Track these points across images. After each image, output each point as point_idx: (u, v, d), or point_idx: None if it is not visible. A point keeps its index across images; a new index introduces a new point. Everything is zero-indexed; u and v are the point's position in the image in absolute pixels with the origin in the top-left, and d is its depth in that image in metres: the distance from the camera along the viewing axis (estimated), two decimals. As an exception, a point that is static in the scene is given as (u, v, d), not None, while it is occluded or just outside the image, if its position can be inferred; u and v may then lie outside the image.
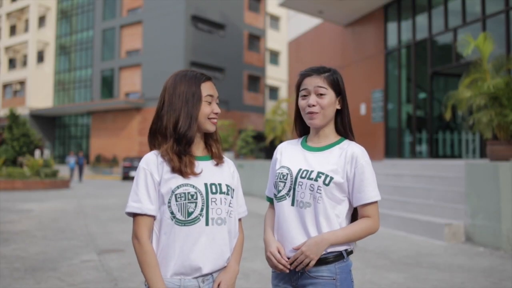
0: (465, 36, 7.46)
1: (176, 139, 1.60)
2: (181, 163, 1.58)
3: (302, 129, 1.90)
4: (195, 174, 1.60)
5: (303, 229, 1.68)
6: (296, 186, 1.71)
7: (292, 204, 1.71)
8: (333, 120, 1.80)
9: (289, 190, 1.73)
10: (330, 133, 1.80)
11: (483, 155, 9.73)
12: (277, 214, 1.77)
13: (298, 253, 1.64)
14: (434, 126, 11.47)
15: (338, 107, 1.79)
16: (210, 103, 1.65)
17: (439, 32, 11.06)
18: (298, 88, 1.81)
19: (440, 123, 11.65)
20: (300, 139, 1.89)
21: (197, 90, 1.62)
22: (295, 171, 1.73)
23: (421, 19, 11.73)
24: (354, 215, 1.78)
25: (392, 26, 12.77)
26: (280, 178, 1.76)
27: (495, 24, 9.58)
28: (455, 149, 11.70)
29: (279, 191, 1.76)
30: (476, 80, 7.01)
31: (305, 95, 1.76)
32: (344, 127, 1.80)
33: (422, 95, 11.94)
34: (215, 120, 1.66)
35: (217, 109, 1.67)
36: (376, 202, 1.71)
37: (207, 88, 1.64)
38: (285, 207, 1.73)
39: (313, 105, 1.72)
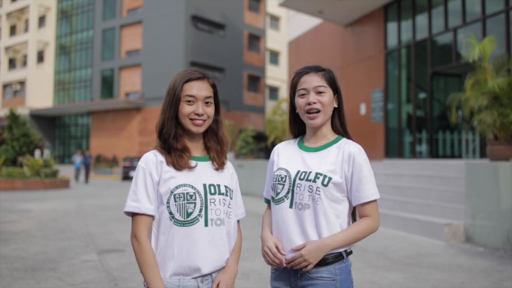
0: (469, 38, 7.41)
1: (162, 136, 1.63)
2: (172, 157, 1.60)
3: (298, 130, 1.88)
4: (189, 167, 1.60)
5: (301, 231, 1.66)
6: (295, 188, 1.69)
7: (291, 206, 1.69)
8: (330, 119, 1.79)
9: (288, 192, 1.70)
10: (327, 132, 1.78)
11: (483, 155, 9.73)
12: (274, 217, 1.75)
13: (297, 255, 1.62)
14: (434, 126, 11.47)
15: (336, 105, 1.78)
16: (190, 103, 1.61)
17: (439, 32, 11.06)
18: (294, 87, 1.78)
19: (440, 123, 11.64)
20: (297, 140, 1.87)
21: (178, 89, 1.60)
22: (293, 173, 1.71)
23: (421, 19, 11.72)
24: (355, 212, 1.77)
25: (392, 26, 12.77)
26: (278, 181, 1.74)
27: (495, 24, 9.57)
28: (455, 149, 11.69)
29: (277, 194, 1.74)
30: (478, 80, 7.01)
31: (303, 94, 1.74)
32: (342, 125, 1.80)
33: (422, 95, 11.93)
34: (198, 122, 1.61)
35: (199, 110, 1.60)
36: (375, 200, 1.70)
37: (190, 88, 1.61)
38: (283, 209, 1.71)
39: (314, 103, 1.70)
